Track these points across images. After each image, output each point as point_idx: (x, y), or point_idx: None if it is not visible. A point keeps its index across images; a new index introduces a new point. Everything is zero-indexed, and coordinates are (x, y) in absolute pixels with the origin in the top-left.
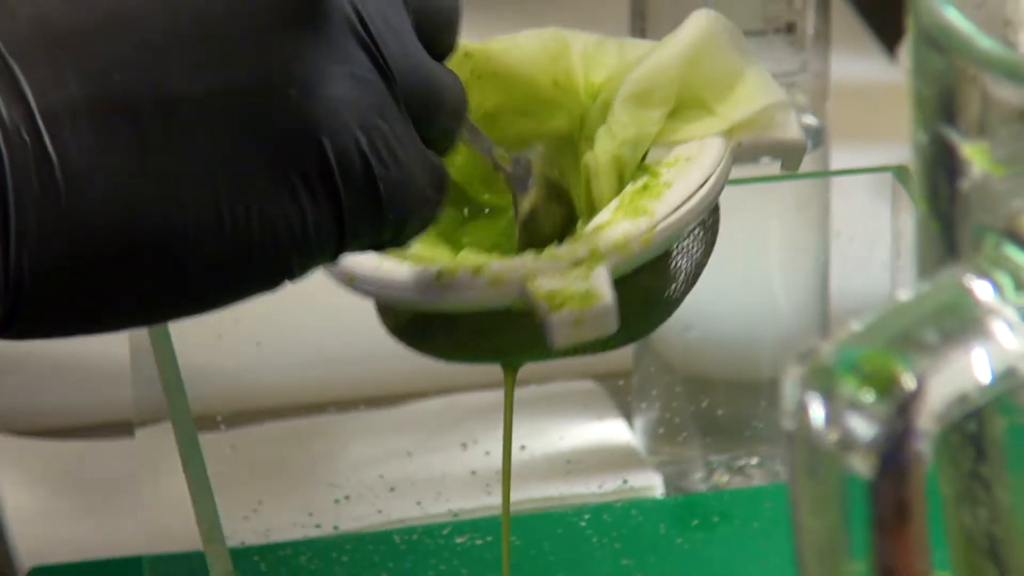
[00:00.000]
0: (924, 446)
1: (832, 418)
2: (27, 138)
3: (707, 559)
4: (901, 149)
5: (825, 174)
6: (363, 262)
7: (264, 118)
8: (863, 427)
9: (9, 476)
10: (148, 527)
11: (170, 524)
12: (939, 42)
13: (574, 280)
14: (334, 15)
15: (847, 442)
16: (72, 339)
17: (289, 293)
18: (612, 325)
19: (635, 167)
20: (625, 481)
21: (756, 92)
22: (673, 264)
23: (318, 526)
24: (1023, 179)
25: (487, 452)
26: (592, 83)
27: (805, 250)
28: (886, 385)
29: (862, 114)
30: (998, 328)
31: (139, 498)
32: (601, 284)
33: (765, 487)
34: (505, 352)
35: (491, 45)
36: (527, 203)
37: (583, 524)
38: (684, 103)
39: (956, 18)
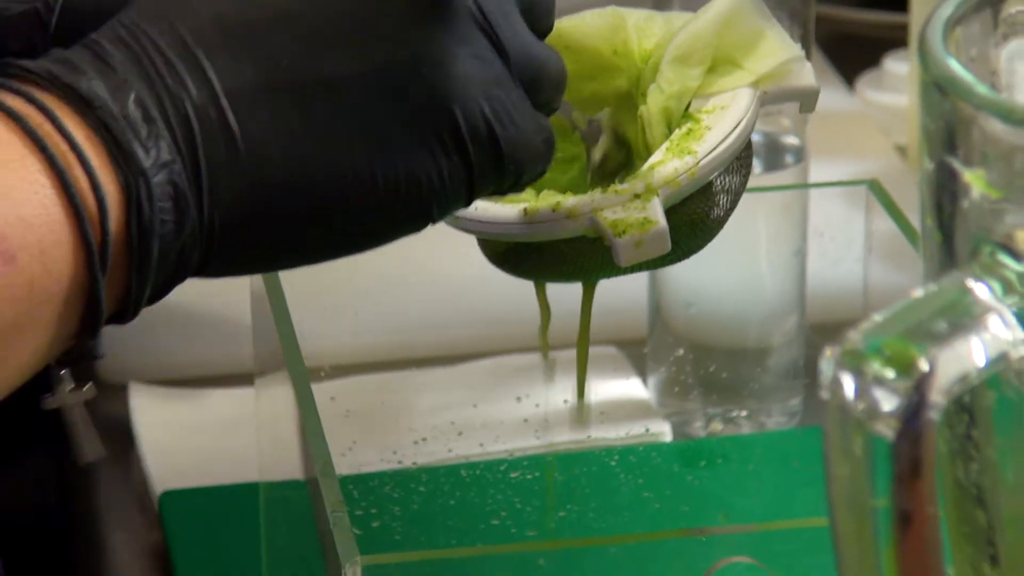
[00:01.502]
0: (935, 415)
1: (861, 391)
2: (213, 114)
3: (711, 494)
4: (861, 163)
5: (812, 186)
6: None
7: (405, 92)
8: (887, 399)
9: (144, 418)
10: (263, 459)
11: (281, 457)
12: (944, 88)
13: (633, 210)
14: (459, 8)
15: (874, 411)
16: (199, 303)
17: (379, 275)
18: (666, 245)
19: (680, 115)
20: (647, 429)
21: (776, 49)
22: (715, 192)
23: (400, 462)
24: (1013, 200)
25: (536, 404)
26: (645, 49)
27: (787, 245)
28: (905, 366)
29: (831, 135)
30: (993, 322)
31: (256, 436)
32: (656, 212)
33: (755, 435)
34: (582, 272)
35: (563, 23)
36: (597, 153)
37: (613, 463)
38: (718, 61)
39: (958, 69)
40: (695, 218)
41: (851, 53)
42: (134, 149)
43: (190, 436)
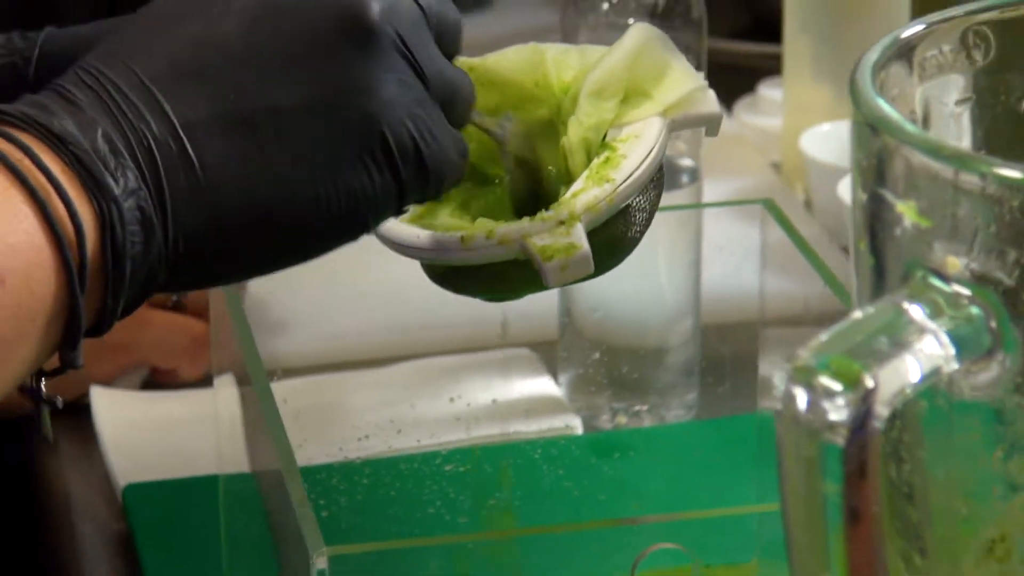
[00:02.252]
0: (879, 424)
1: (812, 403)
2: (173, 145)
3: (623, 482)
4: (742, 179)
5: (713, 205)
6: (409, 233)
7: (340, 117)
8: (836, 411)
9: (106, 418)
10: (222, 455)
11: (239, 452)
12: (875, 126)
13: (559, 236)
14: (383, 38)
15: (824, 421)
16: None
17: (319, 287)
18: (589, 268)
19: (598, 145)
20: (565, 425)
21: (682, 79)
22: (631, 214)
23: (346, 457)
24: (942, 229)
25: (468, 404)
26: (563, 81)
27: (683, 256)
28: (852, 382)
29: (714, 155)
30: (927, 341)
31: (214, 434)
32: (580, 238)
33: (657, 427)
34: (513, 290)
35: (487, 59)
36: (510, 148)
37: (536, 455)
38: (629, 92)
39: (887, 109)
40: (614, 239)
41: (728, 80)
42: (105, 179)
43: (149, 435)
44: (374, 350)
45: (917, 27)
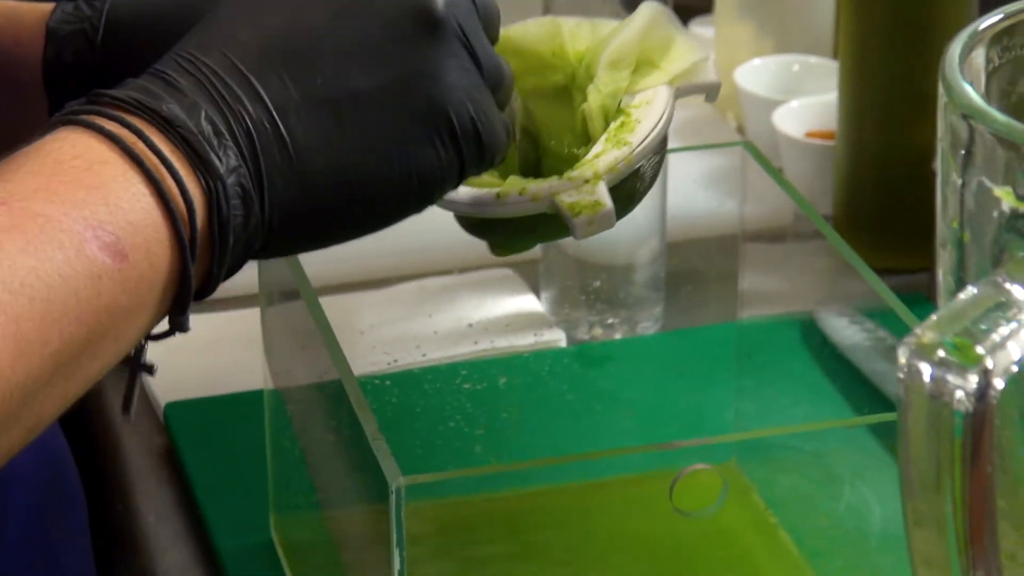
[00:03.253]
0: (997, 394)
1: (939, 377)
2: (268, 126)
3: (609, 391)
4: (683, 110)
5: (697, 148)
6: None
7: (412, 99)
8: (962, 384)
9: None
10: (270, 371)
11: (284, 367)
12: (969, 115)
13: (585, 194)
14: (447, 28)
15: (951, 393)
16: None
17: None
18: (613, 222)
19: (615, 110)
20: (543, 334)
21: (686, 52)
22: (643, 172)
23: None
24: None
25: (469, 324)
26: (577, 51)
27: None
28: (975, 360)
29: None
30: None
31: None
32: (604, 196)
33: (632, 338)
34: (540, 239)
35: (510, 30)
36: (518, 120)
37: (526, 362)
38: (641, 64)
39: (979, 99)
40: (629, 194)
41: None
42: (211, 158)
43: (186, 355)
44: (375, 272)
45: (995, 17)
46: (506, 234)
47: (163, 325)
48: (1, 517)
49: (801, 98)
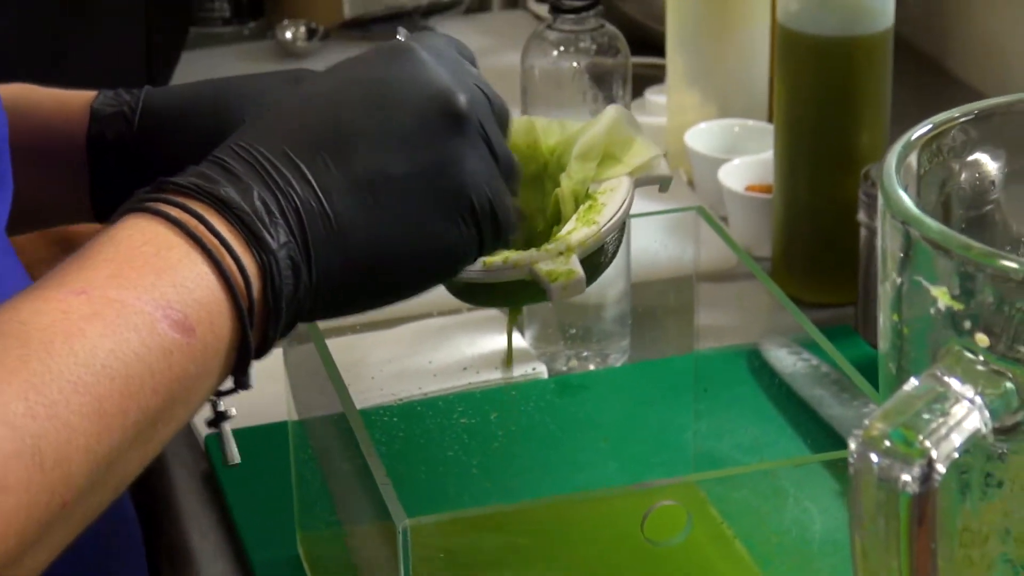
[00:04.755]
0: (939, 478)
1: (886, 465)
2: (313, 205)
3: (588, 419)
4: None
5: (654, 213)
6: None
7: (438, 183)
8: (907, 472)
9: None
10: (294, 405)
11: (305, 402)
12: (906, 222)
13: (560, 264)
14: (470, 123)
15: (898, 479)
16: None
17: None
18: (583, 289)
19: (584, 195)
20: (530, 368)
21: (643, 150)
22: (607, 246)
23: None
24: (970, 310)
25: (463, 368)
26: (549, 145)
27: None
28: (922, 453)
29: None
30: (967, 409)
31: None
32: (576, 266)
33: (602, 370)
34: (519, 301)
35: None
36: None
37: (513, 394)
38: (605, 157)
39: (914, 208)
40: (595, 265)
41: None
42: (264, 236)
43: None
44: (381, 314)
45: (925, 128)
46: (488, 298)
47: (228, 383)
48: (74, 556)
49: (742, 156)
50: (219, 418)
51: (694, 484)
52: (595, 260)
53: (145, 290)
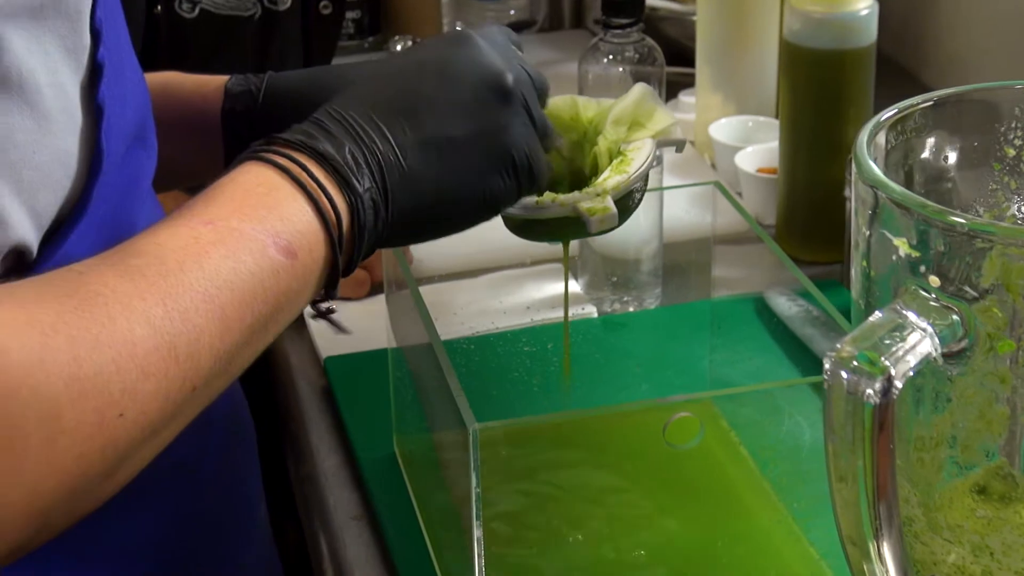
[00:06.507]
0: (897, 391)
1: (852, 380)
2: (392, 158)
3: (625, 349)
4: (676, 154)
5: (676, 187)
6: None
7: (488, 143)
8: (870, 386)
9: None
10: (394, 335)
11: (402, 333)
12: (874, 186)
13: (598, 203)
14: (515, 96)
15: (863, 392)
16: None
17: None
18: (616, 223)
19: (616, 152)
20: (582, 308)
21: (663, 118)
22: (635, 192)
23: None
24: (925, 256)
25: (527, 308)
26: (588, 117)
27: (651, 208)
28: (882, 370)
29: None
30: (921, 336)
31: (385, 324)
32: (611, 204)
33: (640, 312)
34: (565, 235)
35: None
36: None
37: (571, 329)
38: (633, 123)
39: (880, 174)
40: (626, 206)
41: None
42: (352, 181)
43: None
44: (464, 267)
45: (892, 111)
46: (540, 233)
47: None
48: (201, 453)
49: (754, 145)
50: (325, 313)
51: (707, 400)
52: (625, 203)
53: (259, 222)
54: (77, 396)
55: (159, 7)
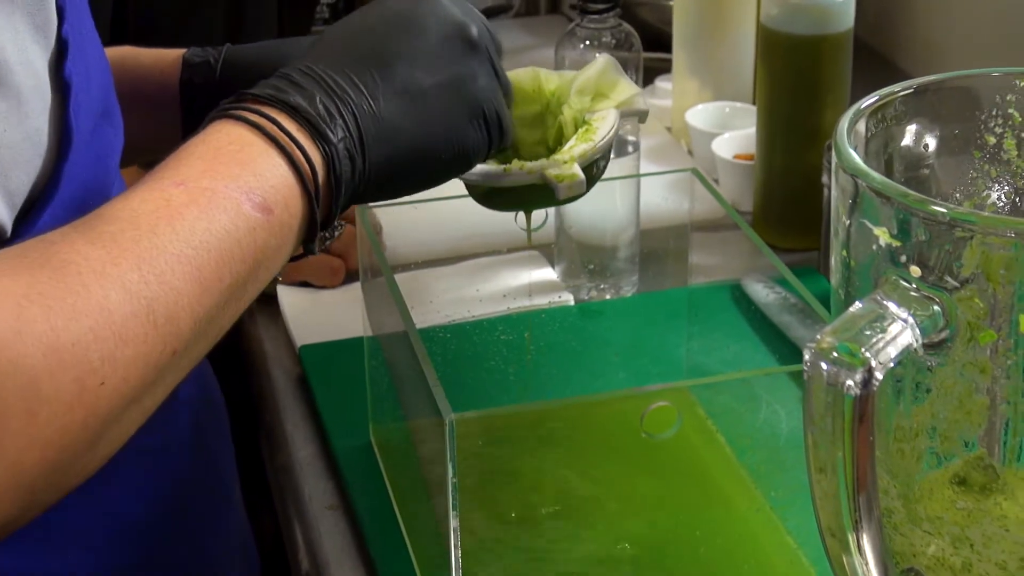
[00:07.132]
0: (878, 383)
1: (832, 372)
2: (366, 107)
3: (603, 338)
4: (650, 138)
5: (655, 174)
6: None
7: (458, 93)
8: (852, 376)
9: (287, 303)
10: (369, 324)
11: (377, 321)
12: (855, 175)
13: (566, 169)
14: (480, 46)
15: (843, 384)
16: None
17: (410, 221)
18: (583, 189)
19: (581, 121)
20: (558, 296)
21: (627, 89)
22: (599, 160)
23: (430, 324)
24: (906, 246)
25: (503, 295)
26: (549, 90)
27: (627, 194)
28: (862, 362)
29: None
30: (901, 328)
31: (360, 312)
32: (578, 171)
33: (616, 299)
34: (532, 203)
35: (507, 74)
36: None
37: (543, 317)
38: (597, 94)
39: (861, 163)
40: (591, 175)
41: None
42: (326, 132)
43: (314, 313)
44: (439, 254)
45: (872, 99)
46: (507, 202)
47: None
48: (174, 431)
49: (731, 131)
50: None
51: (684, 389)
52: (590, 172)
53: (232, 180)
54: (56, 367)
55: None
